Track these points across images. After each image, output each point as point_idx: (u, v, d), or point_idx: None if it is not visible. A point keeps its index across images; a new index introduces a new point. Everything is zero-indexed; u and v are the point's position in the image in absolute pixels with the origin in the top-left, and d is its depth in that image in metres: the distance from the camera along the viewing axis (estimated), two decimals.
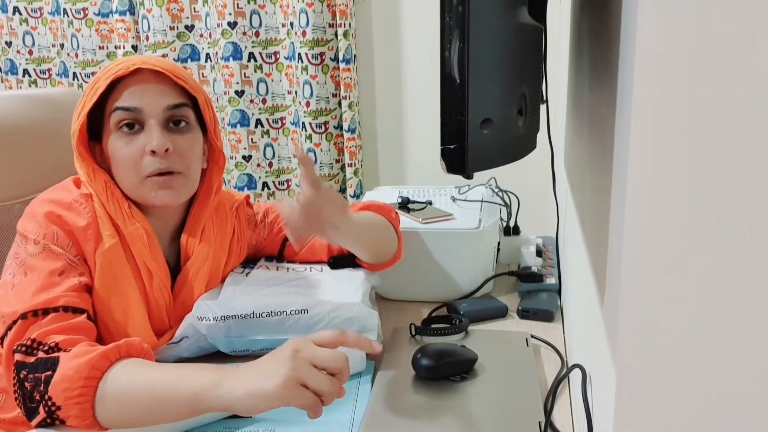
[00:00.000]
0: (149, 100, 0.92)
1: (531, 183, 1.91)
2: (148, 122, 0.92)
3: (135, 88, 0.92)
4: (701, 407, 0.46)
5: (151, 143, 0.91)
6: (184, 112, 0.95)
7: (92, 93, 0.92)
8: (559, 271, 1.28)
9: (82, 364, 0.77)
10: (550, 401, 0.88)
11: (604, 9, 0.62)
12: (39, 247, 0.88)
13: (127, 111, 0.91)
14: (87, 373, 0.76)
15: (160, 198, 0.93)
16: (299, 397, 0.71)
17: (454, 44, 0.61)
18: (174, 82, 0.94)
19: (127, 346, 0.81)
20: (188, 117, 0.96)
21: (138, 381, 0.77)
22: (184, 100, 0.95)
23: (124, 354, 0.80)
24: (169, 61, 0.96)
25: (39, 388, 0.78)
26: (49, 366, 0.78)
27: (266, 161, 2.26)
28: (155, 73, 0.93)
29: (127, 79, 0.92)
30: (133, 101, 0.91)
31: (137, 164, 0.92)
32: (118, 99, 0.92)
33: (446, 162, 0.65)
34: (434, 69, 2.12)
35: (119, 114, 0.92)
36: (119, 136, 0.93)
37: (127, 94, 0.91)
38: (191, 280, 1.01)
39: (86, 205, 0.92)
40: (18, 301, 0.84)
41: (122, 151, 0.92)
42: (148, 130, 0.92)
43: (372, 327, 1.01)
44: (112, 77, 0.91)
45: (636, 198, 0.44)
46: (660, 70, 0.41)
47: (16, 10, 2.30)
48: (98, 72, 0.95)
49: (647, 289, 0.45)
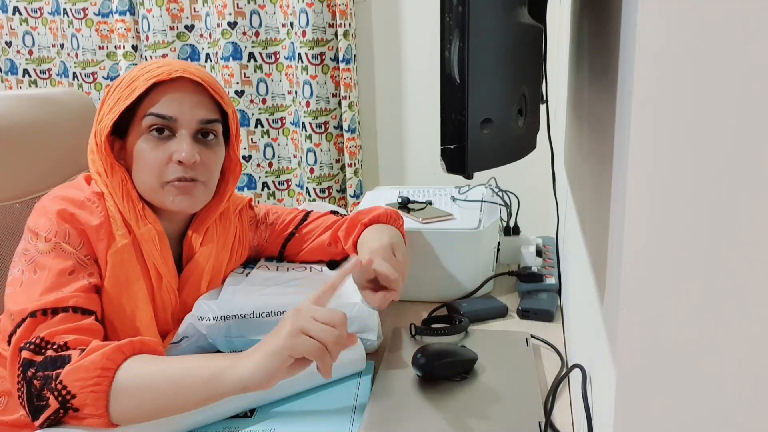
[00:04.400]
0: (185, 111, 0.92)
1: (531, 183, 1.91)
2: (179, 131, 0.92)
3: (173, 95, 0.91)
4: (701, 407, 0.46)
5: (180, 153, 0.91)
6: (214, 126, 0.96)
7: (129, 92, 0.91)
8: (559, 271, 1.28)
9: (97, 357, 0.78)
10: (550, 401, 0.88)
11: (604, 9, 0.62)
12: (50, 245, 0.87)
13: (162, 118, 0.91)
14: (102, 365, 0.77)
15: (177, 204, 0.94)
16: (304, 344, 0.76)
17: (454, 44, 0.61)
18: (210, 95, 0.95)
19: (141, 344, 0.82)
20: (217, 131, 0.97)
21: (152, 371, 0.79)
22: (217, 116, 0.96)
23: (137, 350, 0.81)
24: (207, 73, 0.96)
25: (50, 384, 0.77)
26: (59, 364, 0.78)
27: (266, 161, 2.26)
28: (194, 83, 0.93)
29: (165, 85, 0.92)
30: (170, 110, 0.91)
31: (161, 169, 0.92)
32: (155, 103, 0.91)
33: (446, 162, 0.65)
34: (434, 69, 2.12)
35: (153, 119, 0.91)
36: (148, 139, 0.92)
37: (164, 101, 0.91)
38: (194, 281, 1.01)
39: (99, 203, 0.92)
40: (27, 299, 0.84)
41: (149, 155, 0.92)
42: (179, 139, 0.92)
43: (372, 327, 1.01)
44: (153, 80, 0.90)
45: (636, 198, 0.44)
46: (660, 69, 0.41)
47: (16, 10, 2.30)
48: (133, 71, 0.94)
49: (647, 289, 0.45)
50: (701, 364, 0.46)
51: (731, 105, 0.41)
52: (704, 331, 0.45)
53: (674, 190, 0.43)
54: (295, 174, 2.28)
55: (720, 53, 0.40)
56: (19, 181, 1.24)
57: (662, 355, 0.46)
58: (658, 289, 0.45)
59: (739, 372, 0.45)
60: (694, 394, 0.46)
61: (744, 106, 0.41)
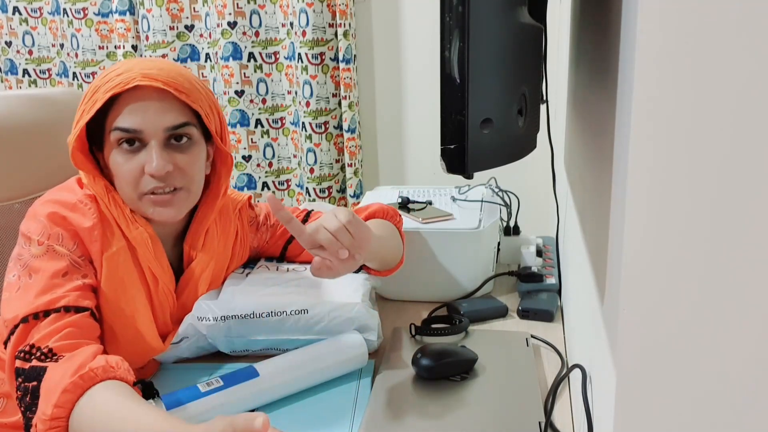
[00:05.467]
0: (149, 120, 0.88)
1: (531, 183, 1.91)
2: (149, 142, 0.89)
3: (135, 105, 0.87)
4: (701, 407, 0.46)
5: (150, 165, 0.88)
6: (185, 130, 0.91)
7: (90, 104, 0.88)
8: (559, 271, 1.28)
9: (53, 399, 0.76)
10: (550, 401, 0.88)
11: (604, 9, 0.62)
12: (43, 248, 0.87)
13: (126, 132, 0.88)
14: (53, 414, 0.76)
15: (158, 214, 0.92)
16: None
17: (454, 44, 0.61)
18: (176, 98, 0.90)
19: (102, 371, 0.79)
20: (190, 133, 0.92)
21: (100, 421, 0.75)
22: (186, 119, 0.91)
23: (93, 381, 0.78)
24: (171, 70, 0.90)
25: (26, 399, 0.79)
26: (34, 376, 0.79)
27: (266, 161, 2.26)
28: (156, 90, 0.89)
29: (126, 94, 0.88)
30: (133, 122, 0.87)
31: (137, 181, 0.90)
32: (118, 116, 0.88)
33: (446, 162, 0.65)
34: (434, 69, 2.12)
35: (119, 133, 0.88)
36: (119, 152, 0.90)
37: (127, 113, 0.87)
38: (194, 283, 1.00)
39: (91, 205, 0.91)
40: (20, 304, 0.84)
41: (122, 168, 0.90)
42: (148, 149, 0.89)
43: (372, 327, 1.01)
44: (110, 93, 0.86)
45: (636, 198, 0.44)
46: (660, 69, 0.41)
47: (16, 10, 2.30)
48: (97, 79, 0.90)
49: (647, 289, 0.45)
50: (701, 364, 0.46)
51: (731, 105, 0.41)
52: (704, 331, 0.45)
53: (674, 190, 0.43)
54: (295, 174, 2.28)
55: (720, 53, 0.40)
56: (19, 181, 1.24)
57: (662, 355, 0.46)
58: (658, 289, 0.45)
59: (739, 372, 0.45)
60: (694, 394, 0.46)
61: (744, 106, 0.41)
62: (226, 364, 1.00)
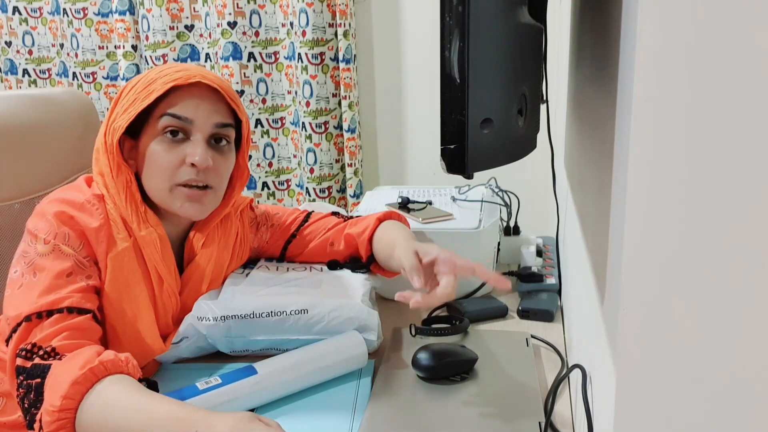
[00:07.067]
0: (201, 114, 0.93)
1: (531, 183, 1.91)
2: (194, 135, 0.93)
3: (191, 99, 0.92)
4: (701, 407, 0.46)
5: (194, 156, 0.92)
6: (228, 132, 0.96)
7: (146, 93, 0.91)
8: (559, 271, 1.28)
9: (57, 397, 0.76)
10: (550, 401, 0.88)
11: (604, 9, 0.62)
12: (49, 246, 0.87)
13: (178, 119, 0.92)
14: (62, 405, 0.76)
15: (185, 210, 0.94)
16: None
17: (454, 44, 0.61)
18: (226, 102, 0.96)
19: (111, 364, 0.79)
20: (230, 136, 0.97)
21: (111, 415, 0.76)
22: (231, 121, 0.97)
23: (102, 374, 0.78)
24: (224, 80, 0.97)
25: (30, 396, 0.78)
26: (37, 374, 0.79)
27: (266, 161, 2.26)
28: (212, 89, 0.94)
29: (183, 89, 0.92)
30: (187, 112, 0.92)
31: (173, 172, 0.92)
32: (172, 106, 0.92)
33: (446, 162, 0.65)
34: (434, 69, 2.12)
35: (169, 120, 0.92)
36: (162, 141, 0.93)
37: (182, 104, 0.92)
38: (195, 283, 1.01)
39: (99, 206, 0.91)
40: (24, 302, 0.84)
41: (162, 156, 0.92)
42: (193, 142, 0.93)
43: (372, 327, 1.01)
44: (172, 83, 0.91)
45: (636, 198, 0.44)
46: (660, 69, 0.41)
47: (15, 10, 2.30)
48: (150, 73, 0.94)
49: (647, 289, 0.45)
50: (701, 364, 0.46)
51: (731, 105, 0.41)
52: (704, 331, 0.45)
53: (674, 190, 0.43)
54: (295, 174, 2.28)
55: (719, 53, 0.40)
56: (19, 181, 1.24)
57: (662, 355, 0.46)
58: (658, 289, 0.45)
59: (738, 372, 0.45)
60: (694, 394, 0.46)
61: (743, 105, 0.41)
62: (226, 364, 1.00)
